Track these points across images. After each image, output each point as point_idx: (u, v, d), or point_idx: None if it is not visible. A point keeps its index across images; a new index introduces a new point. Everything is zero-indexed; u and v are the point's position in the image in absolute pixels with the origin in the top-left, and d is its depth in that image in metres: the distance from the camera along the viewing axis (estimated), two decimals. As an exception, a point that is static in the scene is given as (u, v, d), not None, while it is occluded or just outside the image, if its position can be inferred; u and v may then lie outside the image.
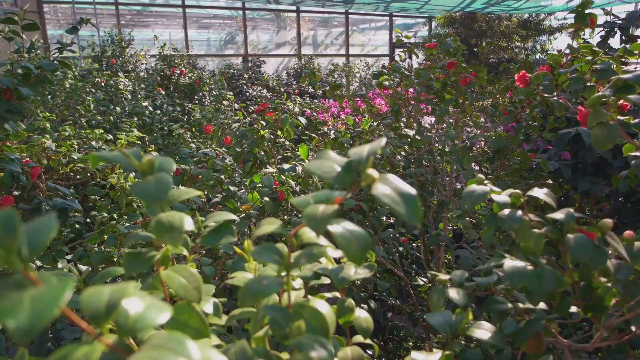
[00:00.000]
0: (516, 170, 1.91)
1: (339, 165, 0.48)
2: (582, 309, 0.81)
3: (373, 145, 0.49)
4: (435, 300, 0.89)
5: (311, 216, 0.47)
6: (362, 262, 0.47)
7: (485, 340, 0.67)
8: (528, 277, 0.73)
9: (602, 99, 0.88)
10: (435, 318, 0.71)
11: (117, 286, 0.35)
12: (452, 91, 2.10)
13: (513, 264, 0.74)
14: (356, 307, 0.77)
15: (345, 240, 0.47)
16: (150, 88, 4.99)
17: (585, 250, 0.73)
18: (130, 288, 0.35)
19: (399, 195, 0.44)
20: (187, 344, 0.33)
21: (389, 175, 0.46)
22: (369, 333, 0.73)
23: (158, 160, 0.55)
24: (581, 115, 0.91)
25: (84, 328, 0.31)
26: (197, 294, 0.55)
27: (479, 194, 0.84)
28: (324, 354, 0.43)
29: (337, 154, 0.50)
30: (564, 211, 0.79)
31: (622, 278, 0.82)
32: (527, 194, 0.85)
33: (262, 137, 2.36)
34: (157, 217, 0.52)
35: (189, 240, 0.70)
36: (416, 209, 0.44)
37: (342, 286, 0.68)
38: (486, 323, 0.70)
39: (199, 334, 0.54)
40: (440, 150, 1.98)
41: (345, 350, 0.76)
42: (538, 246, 0.80)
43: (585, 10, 1.34)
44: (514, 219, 0.81)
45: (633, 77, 0.88)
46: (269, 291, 0.47)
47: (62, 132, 2.80)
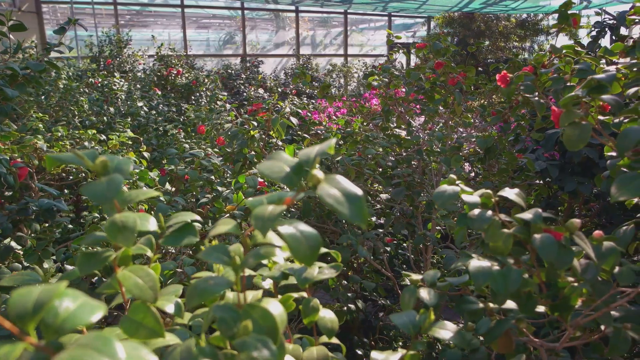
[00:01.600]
0: (503, 170, 1.92)
1: (289, 166, 0.48)
2: (549, 308, 0.81)
3: (322, 147, 0.49)
4: (406, 300, 0.89)
5: (258, 216, 0.47)
6: (313, 262, 0.47)
7: (446, 339, 0.67)
8: (493, 277, 0.73)
9: (574, 99, 0.88)
10: (400, 318, 0.72)
11: (48, 286, 0.36)
12: (441, 91, 2.10)
13: (478, 264, 0.75)
14: (322, 307, 0.77)
15: (293, 240, 0.47)
16: (147, 88, 5.00)
17: (551, 250, 0.73)
18: (62, 287, 0.36)
19: (344, 196, 0.45)
20: (113, 343, 0.33)
21: (336, 177, 0.47)
22: (333, 333, 0.74)
23: (115, 162, 0.56)
24: (554, 115, 0.91)
25: (7, 327, 0.32)
26: (153, 294, 0.55)
27: (449, 194, 0.84)
28: (266, 353, 0.44)
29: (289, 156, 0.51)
30: (532, 211, 0.80)
31: (590, 278, 0.82)
32: (498, 194, 0.86)
33: (252, 137, 2.36)
34: (111, 218, 0.52)
35: (153, 241, 0.70)
36: (360, 209, 0.45)
37: (304, 286, 0.69)
38: (449, 323, 0.71)
39: (153, 334, 0.55)
40: (428, 150, 1.98)
41: (311, 350, 0.77)
42: (506, 246, 0.81)
43: (568, 10, 1.34)
44: (483, 219, 0.82)
45: (606, 77, 0.89)
46: (214, 290, 0.47)
47: (54, 132, 2.80)
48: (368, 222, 2.16)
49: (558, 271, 0.77)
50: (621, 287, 1.08)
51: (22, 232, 1.92)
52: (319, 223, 2.07)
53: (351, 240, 1.63)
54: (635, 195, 0.72)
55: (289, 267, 0.77)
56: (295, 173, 0.47)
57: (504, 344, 0.90)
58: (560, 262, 0.75)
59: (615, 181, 0.74)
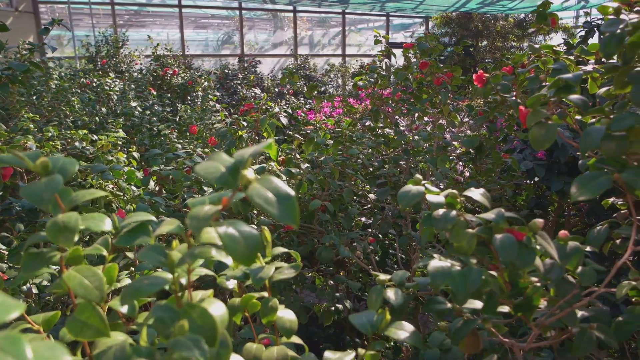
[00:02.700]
0: (489, 170, 1.91)
1: (225, 166, 0.48)
2: (512, 308, 0.81)
3: (257, 147, 0.49)
4: (373, 300, 0.89)
5: (194, 216, 0.47)
6: (251, 263, 0.47)
7: (401, 340, 0.67)
8: (452, 277, 0.73)
9: (541, 99, 0.88)
10: (359, 319, 0.72)
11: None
12: (428, 91, 2.10)
13: (436, 265, 0.75)
14: (281, 307, 0.77)
15: (230, 240, 0.47)
16: (142, 88, 5.01)
17: (510, 250, 0.73)
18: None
19: (275, 196, 0.45)
20: (21, 343, 0.33)
21: (270, 177, 0.47)
22: (292, 333, 0.74)
23: (61, 162, 0.56)
24: (521, 115, 0.91)
25: None
26: (99, 294, 0.55)
27: (413, 194, 0.84)
28: (196, 353, 0.44)
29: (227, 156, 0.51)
30: (494, 211, 0.80)
31: (554, 277, 0.82)
32: (463, 194, 0.86)
33: (241, 137, 2.36)
34: (53, 219, 0.52)
35: (109, 241, 0.70)
36: (291, 209, 0.45)
37: (258, 286, 0.69)
38: (407, 323, 0.70)
39: (99, 333, 0.55)
40: (413, 150, 1.98)
41: (272, 350, 0.77)
42: (470, 246, 0.80)
43: (545, 10, 1.34)
44: (447, 219, 0.82)
45: (572, 77, 0.88)
46: (148, 290, 0.47)
47: (45, 132, 2.80)
48: (304, 222, 2.14)
49: (519, 271, 0.77)
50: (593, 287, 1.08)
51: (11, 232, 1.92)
52: (306, 223, 2.07)
53: (334, 241, 1.63)
54: (593, 194, 0.72)
55: (253, 267, 0.77)
56: (231, 173, 0.47)
57: (470, 344, 0.90)
58: (521, 262, 0.75)
59: (575, 181, 0.74)
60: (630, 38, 0.75)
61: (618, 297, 1.07)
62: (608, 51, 0.78)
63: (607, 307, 1.06)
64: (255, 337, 0.85)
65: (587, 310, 0.99)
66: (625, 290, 1.05)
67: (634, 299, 1.08)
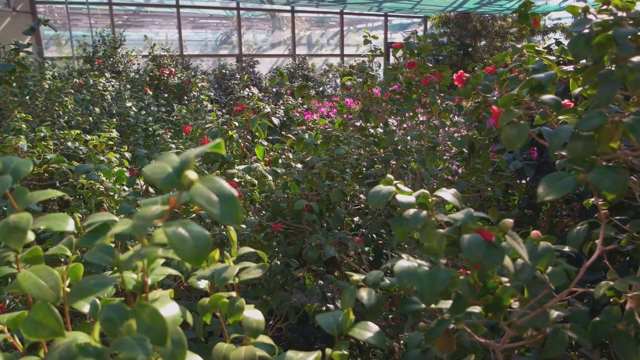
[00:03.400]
0: (477, 170, 1.91)
1: (171, 167, 0.48)
2: (482, 308, 0.81)
3: (203, 147, 0.49)
4: (346, 300, 0.89)
5: (140, 216, 0.47)
6: (201, 263, 0.47)
7: (365, 339, 0.67)
8: (418, 278, 0.73)
9: (513, 99, 0.88)
10: (325, 319, 0.71)
11: None
12: (417, 91, 2.10)
13: (403, 265, 0.74)
14: (248, 306, 0.77)
15: (178, 239, 0.47)
16: (138, 88, 5.01)
17: (478, 250, 0.73)
18: None
19: (217, 196, 0.45)
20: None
21: (214, 177, 0.46)
22: (258, 333, 0.74)
23: (14, 163, 0.56)
24: (494, 115, 0.91)
25: None
26: (54, 294, 0.55)
27: (384, 194, 0.84)
28: (140, 353, 0.43)
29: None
30: (464, 211, 0.80)
31: (524, 278, 0.82)
32: (434, 194, 0.85)
33: (231, 137, 2.37)
34: (5, 219, 0.52)
35: (73, 241, 0.70)
36: (233, 209, 0.45)
37: (222, 285, 0.68)
38: (372, 324, 0.70)
39: (53, 333, 0.55)
40: (402, 150, 1.98)
41: (240, 350, 0.77)
42: (440, 246, 0.80)
43: (527, 10, 1.34)
44: (417, 219, 0.81)
45: (545, 77, 0.88)
46: (94, 290, 0.47)
47: (37, 132, 2.81)
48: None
49: (488, 271, 0.77)
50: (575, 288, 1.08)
51: None
52: (296, 223, 2.07)
53: (320, 241, 1.63)
54: (560, 194, 0.72)
55: (219, 267, 0.77)
56: (177, 174, 0.47)
57: (444, 344, 0.90)
58: (489, 262, 0.75)
59: (541, 181, 0.74)
60: (596, 38, 0.75)
61: (596, 297, 1.06)
62: (576, 51, 0.78)
63: (586, 307, 1.06)
64: (226, 337, 0.85)
65: (564, 311, 0.98)
66: (602, 291, 1.05)
67: (611, 299, 1.08)
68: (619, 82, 0.72)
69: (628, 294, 1.05)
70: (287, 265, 1.91)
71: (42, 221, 0.64)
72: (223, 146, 0.51)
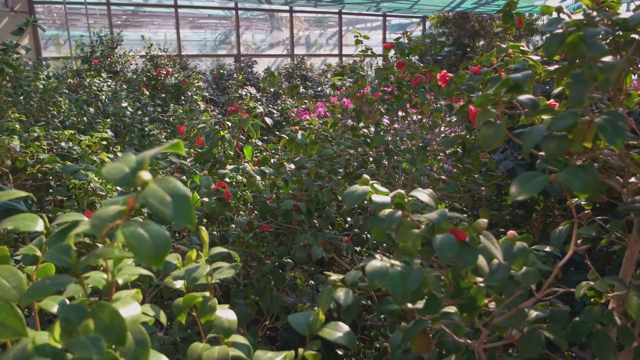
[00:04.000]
0: (467, 170, 1.91)
1: (129, 167, 0.48)
2: (457, 308, 0.81)
3: (158, 149, 0.49)
4: (323, 300, 0.89)
5: (97, 216, 0.47)
6: (160, 263, 0.47)
7: (334, 340, 0.67)
8: (390, 278, 0.73)
9: (489, 98, 0.88)
10: (297, 319, 0.72)
11: None
12: (407, 91, 2.10)
13: (374, 265, 0.75)
14: (222, 306, 0.77)
15: (136, 240, 0.47)
16: (135, 88, 5.01)
17: (450, 250, 0.73)
18: None
19: (171, 197, 0.45)
20: None
21: (169, 178, 0.47)
22: (231, 332, 0.74)
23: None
24: (471, 115, 0.91)
25: None
26: (16, 293, 0.55)
27: (359, 194, 0.84)
28: (94, 353, 0.44)
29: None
30: (438, 211, 0.80)
31: (500, 278, 0.82)
32: (410, 194, 0.86)
33: (222, 137, 2.37)
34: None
35: (44, 241, 0.70)
36: (185, 210, 0.45)
37: (191, 285, 0.69)
38: (342, 324, 0.70)
39: (16, 333, 0.55)
40: (391, 150, 1.98)
41: (213, 350, 0.77)
42: (415, 246, 0.80)
43: (512, 10, 1.34)
44: (392, 219, 0.81)
45: (521, 77, 0.88)
46: (49, 290, 0.47)
47: (31, 133, 2.81)
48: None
49: (461, 271, 0.77)
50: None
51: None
52: (286, 223, 2.07)
53: (308, 241, 1.63)
54: (531, 194, 0.72)
55: (190, 267, 0.77)
56: (133, 174, 0.47)
57: (422, 345, 0.90)
58: (462, 262, 0.75)
59: (514, 181, 0.74)
60: (569, 37, 0.75)
61: (577, 297, 1.07)
62: (550, 50, 0.78)
63: (567, 307, 1.06)
64: (203, 337, 0.85)
65: (543, 311, 0.99)
66: (583, 291, 1.05)
67: (592, 299, 1.08)
68: (589, 82, 0.72)
69: (609, 294, 1.05)
70: (276, 265, 1.91)
71: (11, 221, 0.64)
72: (182, 146, 0.51)
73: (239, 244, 1.69)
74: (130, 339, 0.55)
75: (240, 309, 1.59)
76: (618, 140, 0.68)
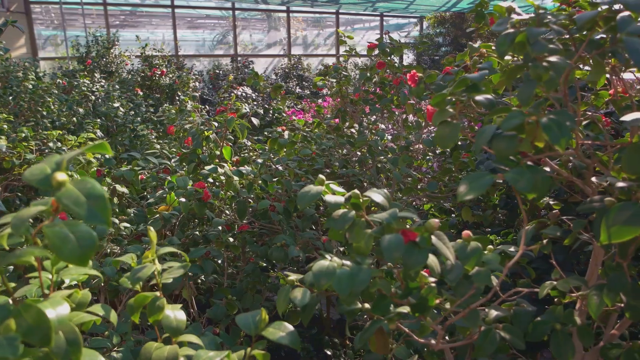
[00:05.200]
0: (447, 170, 1.91)
1: (50, 168, 0.48)
2: (410, 308, 0.81)
3: (79, 151, 0.49)
4: (281, 300, 0.89)
5: (17, 216, 0.48)
6: (85, 263, 0.47)
7: (276, 339, 0.67)
8: (337, 278, 0.73)
9: (445, 98, 0.88)
10: (244, 319, 0.72)
11: None
12: (389, 92, 2.11)
13: (321, 264, 0.75)
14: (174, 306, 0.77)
15: (59, 239, 0.47)
16: (129, 89, 5.01)
17: (395, 250, 0.73)
18: None
19: (87, 197, 0.45)
20: None
21: (86, 179, 0.47)
22: (179, 332, 0.74)
23: None
24: (428, 114, 0.91)
25: None
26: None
27: (312, 195, 0.84)
28: (8, 352, 0.44)
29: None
30: (389, 211, 0.80)
31: (452, 278, 0.82)
32: (365, 194, 0.86)
33: (207, 137, 2.37)
34: None
35: None
36: (100, 210, 0.45)
37: (135, 285, 0.69)
38: (286, 324, 0.71)
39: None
40: (373, 150, 1.98)
41: (163, 349, 0.77)
42: (367, 246, 0.81)
43: (483, 10, 1.34)
44: (345, 220, 0.82)
45: (477, 77, 0.88)
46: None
47: (19, 133, 2.81)
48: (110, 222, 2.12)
49: (410, 272, 0.77)
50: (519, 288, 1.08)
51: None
52: (267, 224, 2.07)
53: (285, 240, 1.63)
54: (478, 193, 0.72)
55: (136, 267, 0.77)
56: (50, 175, 0.47)
57: (379, 344, 0.90)
58: (410, 262, 0.75)
59: (462, 180, 0.74)
60: (517, 37, 0.75)
61: (540, 297, 1.07)
62: (501, 50, 0.78)
63: (533, 307, 1.06)
64: (158, 337, 0.85)
65: (504, 311, 0.99)
66: (546, 291, 1.06)
67: (555, 299, 1.08)
68: (535, 82, 0.72)
69: (572, 294, 1.05)
70: (257, 265, 1.91)
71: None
72: (108, 147, 0.52)
73: (218, 244, 1.69)
74: (61, 339, 0.55)
75: (216, 310, 1.59)
76: (562, 140, 0.69)
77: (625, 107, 1.13)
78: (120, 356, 1.21)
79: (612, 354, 1.02)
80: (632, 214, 0.70)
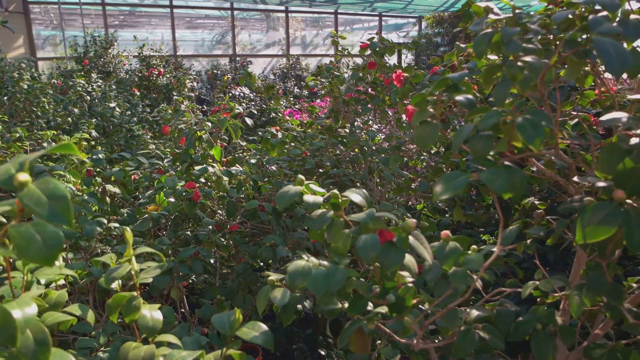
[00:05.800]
0: (438, 170, 1.91)
1: (14, 168, 0.48)
2: (388, 308, 0.81)
3: (43, 151, 0.50)
4: (261, 300, 0.90)
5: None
6: (52, 263, 0.47)
7: (249, 339, 0.67)
8: (313, 278, 0.73)
9: (424, 98, 0.88)
10: (220, 319, 0.72)
11: None
12: (382, 92, 2.11)
13: (297, 264, 0.75)
14: (152, 306, 0.77)
15: (24, 239, 0.48)
16: (126, 89, 5.02)
17: (371, 250, 0.73)
18: None
19: (49, 198, 0.45)
20: None
21: (48, 179, 0.47)
22: (155, 331, 0.74)
23: None
24: (408, 114, 0.91)
25: None
26: None
27: (291, 194, 0.84)
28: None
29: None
30: (367, 211, 0.80)
31: (431, 278, 0.82)
32: (344, 194, 0.86)
33: (200, 137, 2.37)
34: None
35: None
36: (62, 210, 0.45)
37: (109, 285, 0.69)
38: (261, 324, 0.71)
39: None
40: (363, 150, 1.98)
41: (140, 349, 0.77)
42: (345, 246, 0.81)
43: (470, 10, 1.34)
44: (323, 220, 0.82)
45: (457, 77, 0.89)
46: None
47: (13, 133, 2.82)
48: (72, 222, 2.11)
49: (387, 272, 0.77)
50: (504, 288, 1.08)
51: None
52: (258, 224, 2.07)
53: (274, 240, 1.64)
54: (453, 193, 0.72)
55: (113, 268, 0.77)
56: (13, 176, 0.47)
57: (359, 344, 0.91)
58: (387, 262, 0.75)
59: (439, 180, 0.74)
60: (494, 37, 0.75)
61: (523, 297, 1.07)
62: (478, 50, 0.78)
63: (516, 307, 1.06)
64: (138, 336, 0.86)
65: (485, 311, 0.99)
66: (529, 290, 1.06)
67: (538, 299, 1.08)
68: (510, 82, 0.72)
69: (556, 294, 1.05)
70: (249, 265, 1.91)
71: None
72: (74, 148, 0.52)
73: (208, 244, 1.69)
74: (29, 339, 0.56)
75: (206, 310, 1.59)
76: (536, 140, 0.69)
77: (609, 106, 1.13)
78: (107, 356, 1.21)
79: (595, 353, 1.02)
80: (607, 214, 0.70)
